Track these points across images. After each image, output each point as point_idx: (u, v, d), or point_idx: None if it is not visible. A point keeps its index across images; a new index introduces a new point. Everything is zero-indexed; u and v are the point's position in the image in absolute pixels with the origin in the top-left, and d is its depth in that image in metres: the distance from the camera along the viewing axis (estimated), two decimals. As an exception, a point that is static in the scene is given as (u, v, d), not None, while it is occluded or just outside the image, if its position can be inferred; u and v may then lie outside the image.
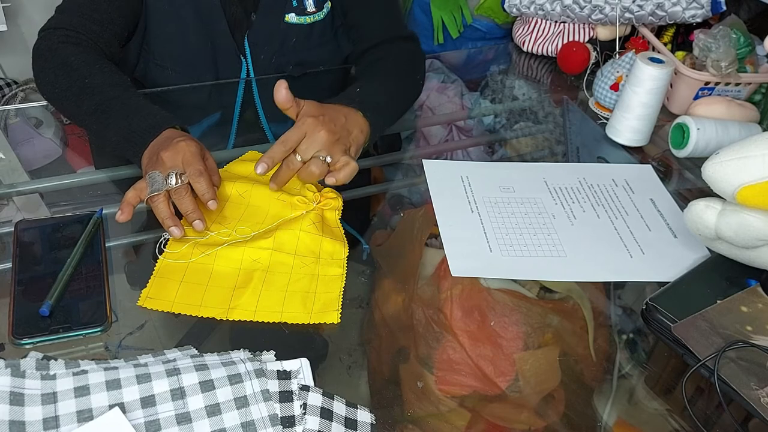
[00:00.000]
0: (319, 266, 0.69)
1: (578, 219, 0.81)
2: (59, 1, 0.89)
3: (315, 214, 0.74)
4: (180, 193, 0.68)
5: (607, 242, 0.77)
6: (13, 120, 0.95)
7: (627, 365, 0.65)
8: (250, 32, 0.97)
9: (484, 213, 0.80)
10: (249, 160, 0.83)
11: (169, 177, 0.67)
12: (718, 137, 0.91)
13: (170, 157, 0.69)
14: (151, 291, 0.64)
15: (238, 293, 0.65)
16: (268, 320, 0.63)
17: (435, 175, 0.86)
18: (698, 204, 0.70)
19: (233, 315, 0.63)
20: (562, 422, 0.59)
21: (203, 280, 0.66)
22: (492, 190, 0.84)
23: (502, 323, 0.66)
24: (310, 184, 0.77)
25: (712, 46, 0.98)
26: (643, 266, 0.74)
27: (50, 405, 0.49)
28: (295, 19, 0.97)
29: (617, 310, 0.70)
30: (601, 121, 1.02)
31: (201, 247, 0.69)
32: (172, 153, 0.69)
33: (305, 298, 0.66)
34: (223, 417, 0.52)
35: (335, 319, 0.64)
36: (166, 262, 0.67)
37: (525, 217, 0.80)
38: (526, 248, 0.75)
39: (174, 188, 0.68)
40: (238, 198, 0.76)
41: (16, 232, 0.69)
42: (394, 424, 0.56)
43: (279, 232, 0.71)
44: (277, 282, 0.67)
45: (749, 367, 0.60)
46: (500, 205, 0.82)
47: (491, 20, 1.33)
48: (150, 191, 0.67)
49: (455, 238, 0.76)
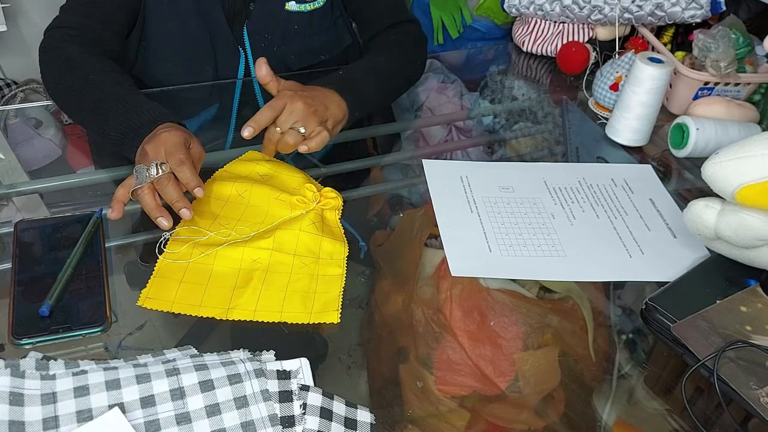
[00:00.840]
0: (318, 266, 0.69)
1: (578, 219, 0.80)
2: (60, 1, 0.89)
3: (315, 214, 0.74)
4: (162, 183, 0.67)
5: (606, 242, 0.77)
6: (12, 120, 0.95)
7: (626, 365, 0.65)
8: (249, 22, 0.97)
9: (484, 213, 0.80)
10: (248, 160, 0.83)
11: (150, 168, 0.67)
12: (718, 137, 0.91)
13: (153, 149, 0.69)
14: (151, 291, 0.64)
15: (237, 293, 0.65)
16: (268, 320, 0.63)
17: (435, 175, 0.86)
18: (698, 204, 0.70)
19: (233, 315, 0.63)
20: (562, 422, 0.59)
21: (203, 280, 0.66)
22: (492, 190, 0.84)
23: (502, 323, 0.66)
24: (309, 184, 0.77)
25: (711, 46, 0.98)
26: (643, 266, 0.74)
27: (50, 405, 0.49)
28: (296, 6, 0.98)
29: (617, 310, 0.70)
30: (601, 121, 1.02)
31: (200, 248, 0.69)
32: (154, 144, 0.69)
33: (305, 297, 0.66)
34: (223, 417, 0.52)
35: (335, 318, 0.64)
36: (166, 262, 0.67)
37: (525, 217, 0.80)
38: (525, 248, 0.75)
39: (156, 179, 0.67)
40: (237, 198, 0.76)
41: (15, 233, 0.69)
42: (394, 424, 0.56)
43: (279, 231, 0.71)
44: (277, 282, 0.67)
45: (749, 367, 0.60)
46: (500, 205, 0.82)
47: (491, 20, 1.33)
48: (135, 184, 0.67)
49: (455, 237, 0.76)
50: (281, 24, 0.99)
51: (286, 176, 0.80)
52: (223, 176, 0.79)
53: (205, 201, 0.74)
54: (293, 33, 1.00)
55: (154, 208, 0.67)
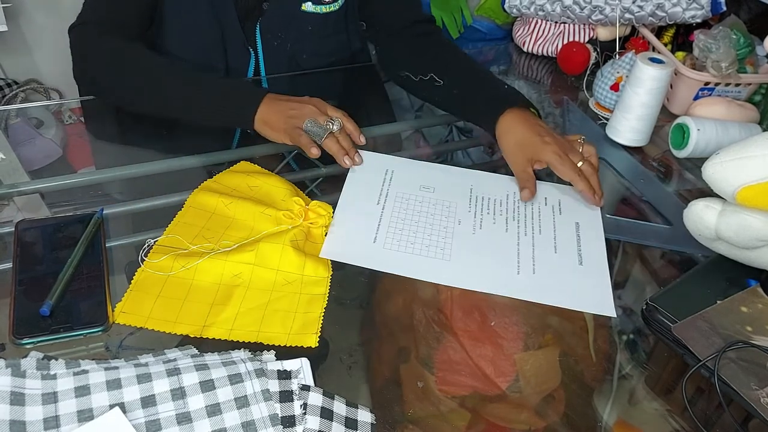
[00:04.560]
0: (302, 284, 0.68)
1: (483, 229, 0.78)
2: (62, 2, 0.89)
3: (300, 231, 0.72)
4: (343, 134, 0.84)
5: (499, 256, 0.74)
6: (13, 120, 0.95)
7: (627, 365, 0.65)
8: (262, 20, 0.97)
9: (390, 207, 0.79)
10: (239, 172, 0.81)
11: (331, 123, 0.83)
12: (718, 138, 0.91)
13: (297, 107, 0.83)
14: (126, 305, 0.63)
15: (216, 310, 0.64)
16: (244, 339, 0.61)
17: (361, 166, 0.86)
18: (698, 204, 0.70)
19: (208, 333, 0.61)
20: (562, 422, 0.59)
21: (181, 294, 0.64)
22: (410, 188, 0.83)
23: (502, 323, 0.66)
24: (297, 198, 0.75)
25: (712, 46, 0.98)
26: (526, 284, 0.71)
27: (51, 405, 0.50)
28: (312, 7, 0.98)
29: (617, 311, 0.70)
30: (602, 122, 1.02)
31: (181, 260, 0.67)
32: (295, 104, 0.83)
33: (285, 317, 0.64)
34: (224, 417, 0.52)
35: (313, 342, 0.62)
36: (145, 273, 0.66)
37: (429, 218, 0.79)
38: (412, 246, 0.74)
39: (336, 131, 0.83)
40: (223, 210, 0.74)
41: (16, 232, 0.69)
42: (395, 424, 0.56)
43: (262, 244, 0.69)
44: (258, 299, 0.65)
45: (749, 368, 0.60)
46: (410, 202, 0.81)
47: (491, 21, 1.33)
48: (321, 136, 0.81)
49: (344, 222, 0.76)
50: (296, 24, 0.99)
51: (275, 189, 0.78)
52: (212, 187, 0.78)
53: (190, 212, 0.74)
54: (307, 34, 1.00)
55: (345, 151, 0.83)
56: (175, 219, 0.73)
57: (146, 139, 0.91)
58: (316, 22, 1.00)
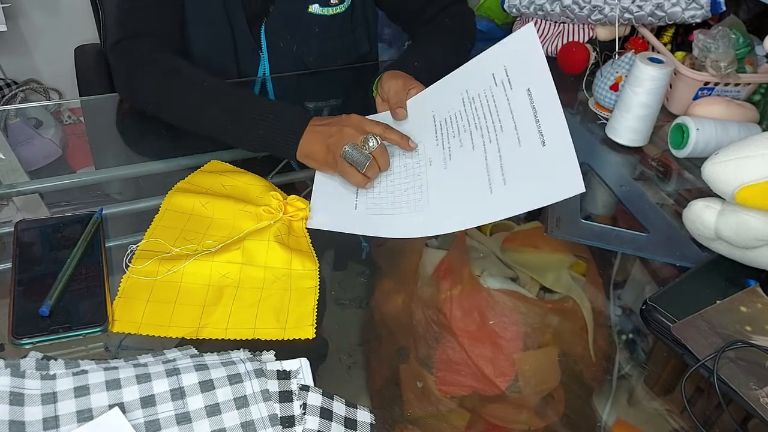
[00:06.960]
0: (291, 279, 0.67)
1: (453, 159, 0.77)
2: (61, 2, 0.89)
3: (282, 225, 0.72)
4: (380, 149, 0.77)
5: (473, 180, 0.73)
6: (13, 120, 0.95)
7: (626, 365, 0.65)
8: (268, 21, 0.98)
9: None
10: (211, 171, 0.81)
11: (366, 142, 0.76)
12: (718, 137, 0.91)
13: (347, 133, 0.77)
14: (116, 313, 0.62)
15: (208, 311, 0.63)
16: (240, 338, 0.61)
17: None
18: (697, 204, 0.70)
19: (203, 334, 0.61)
20: (562, 422, 0.59)
21: (171, 298, 0.64)
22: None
23: (502, 323, 0.66)
24: (275, 192, 0.75)
25: (711, 46, 0.98)
26: (500, 200, 0.70)
27: (50, 405, 0.50)
28: (319, 9, 0.99)
29: (617, 310, 0.70)
30: (601, 122, 1.02)
31: (167, 264, 0.67)
32: (336, 125, 0.78)
33: (278, 312, 0.64)
34: (223, 417, 0.52)
35: (310, 334, 0.62)
36: (131, 280, 0.65)
37: (404, 171, 0.80)
38: (392, 206, 0.75)
39: (375, 150, 0.76)
40: (201, 210, 0.74)
41: (16, 233, 0.69)
42: (394, 424, 0.56)
43: (247, 242, 0.68)
44: (249, 297, 0.65)
45: (748, 367, 0.60)
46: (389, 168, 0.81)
47: (491, 20, 1.33)
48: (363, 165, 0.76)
49: (325, 193, 0.77)
50: (302, 26, 1.00)
51: (250, 186, 0.78)
52: (185, 188, 0.77)
53: (168, 215, 0.73)
54: (313, 35, 1.01)
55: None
56: (153, 223, 0.72)
57: (146, 139, 0.91)
58: (321, 24, 1.01)
